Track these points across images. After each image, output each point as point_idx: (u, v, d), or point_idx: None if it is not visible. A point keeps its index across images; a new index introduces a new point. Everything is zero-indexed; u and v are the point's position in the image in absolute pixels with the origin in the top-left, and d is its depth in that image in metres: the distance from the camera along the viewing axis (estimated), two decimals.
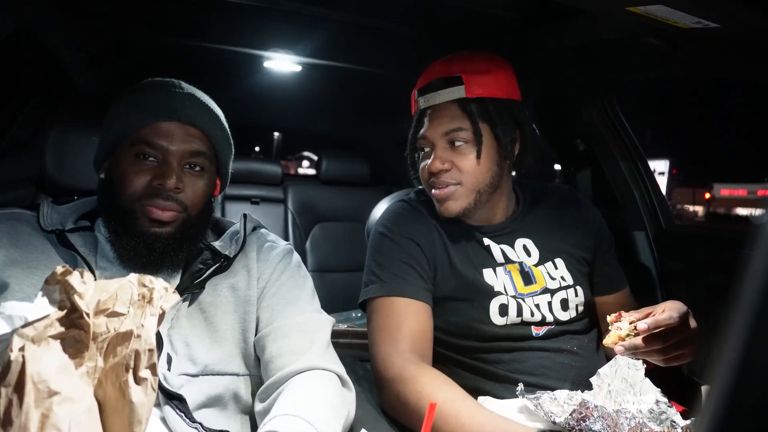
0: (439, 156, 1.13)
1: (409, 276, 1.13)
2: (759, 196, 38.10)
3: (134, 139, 0.93)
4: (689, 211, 37.04)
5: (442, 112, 1.14)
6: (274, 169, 2.91)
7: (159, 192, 0.92)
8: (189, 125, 0.96)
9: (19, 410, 0.51)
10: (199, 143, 0.97)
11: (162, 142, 0.93)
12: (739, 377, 0.25)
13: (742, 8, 0.86)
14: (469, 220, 1.22)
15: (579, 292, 1.19)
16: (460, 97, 1.12)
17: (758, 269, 0.26)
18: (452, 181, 1.14)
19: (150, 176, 0.92)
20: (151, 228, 0.92)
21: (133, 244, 0.92)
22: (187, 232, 0.96)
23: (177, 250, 0.95)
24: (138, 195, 0.92)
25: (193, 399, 0.87)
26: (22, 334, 0.54)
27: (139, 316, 0.61)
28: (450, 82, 1.13)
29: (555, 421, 0.90)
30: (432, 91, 1.15)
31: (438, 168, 1.13)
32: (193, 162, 0.96)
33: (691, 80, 1.42)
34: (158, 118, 0.94)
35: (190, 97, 0.98)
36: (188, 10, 1.58)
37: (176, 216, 0.94)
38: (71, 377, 0.56)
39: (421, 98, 1.17)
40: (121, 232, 0.93)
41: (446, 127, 1.13)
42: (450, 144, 1.14)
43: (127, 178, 0.92)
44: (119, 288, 0.62)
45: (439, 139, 1.14)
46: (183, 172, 0.95)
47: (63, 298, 0.60)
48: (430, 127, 1.15)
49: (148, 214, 0.92)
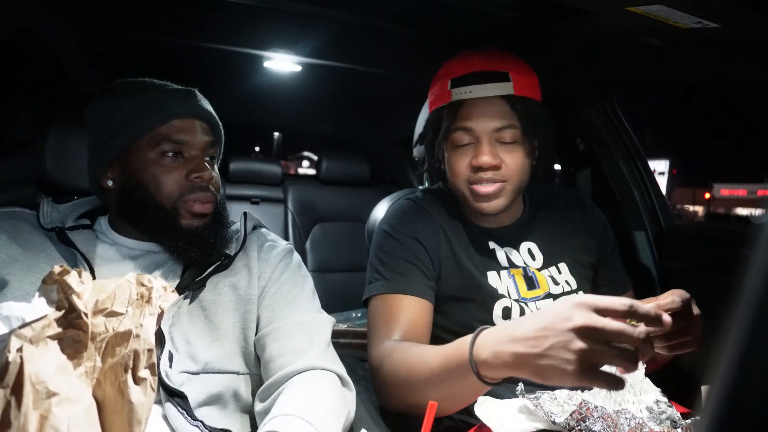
0: (489, 151, 1.09)
1: (412, 274, 1.12)
2: (759, 196, 38.10)
3: (154, 138, 0.95)
4: (689, 211, 37.05)
5: (491, 107, 1.10)
6: (274, 169, 2.91)
7: (197, 186, 0.96)
8: (201, 119, 1.00)
9: (17, 411, 0.51)
10: (211, 135, 1.02)
11: (186, 137, 0.97)
12: (739, 377, 0.25)
13: (742, 8, 0.86)
14: (478, 221, 1.21)
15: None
16: (508, 94, 1.09)
17: (758, 269, 0.26)
18: (499, 178, 1.11)
19: (184, 171, 0.96)
20: (194, 223, 0.97)
21: (183, 242, 0.95)
22: (220, 216, 1.02)
23: (222, 235, 1.00)
24: (178, 192, 0.95)
25: (194, 397, 0.87)
26: (20, 335, 0.54)
27: (137, 316, 0.61)
28: (497, 77, 1.09)
29: (555, 421, 0.90)
30: (475, 83, 1.09)
31: (489, 163, 1.08)
32: (210, 153, 1.02)
33: (691, 80, 1.42)
34: (178, 116, 0.97)
35: (195, 94, 1.02)
36: (188, 10, 1.58)
37: (213, 206, 0.99)
38: (70, 377, 0.56)
39: (460, 89, 1.11)
40: (164, 233, 0.96)
41: (498, 123, 1.09)
42: (497, 141, 1.11)
43: (161, 177, 0.95)
44: (118, 287, 0.62)
45: (488, 133, 1.10)
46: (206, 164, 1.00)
47: (61, 297, 0.59)
48: (476, 119, 1.10)
49: (191, 209, 0.96)
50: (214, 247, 0.98)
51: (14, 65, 1.51)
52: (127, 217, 0.99)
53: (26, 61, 1.54)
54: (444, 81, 1.14)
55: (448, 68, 1.16)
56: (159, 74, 1.05)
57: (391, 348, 1.00)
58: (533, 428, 0.98)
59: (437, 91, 1.17)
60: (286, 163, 16.54)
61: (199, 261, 0.96)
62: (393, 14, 1.48)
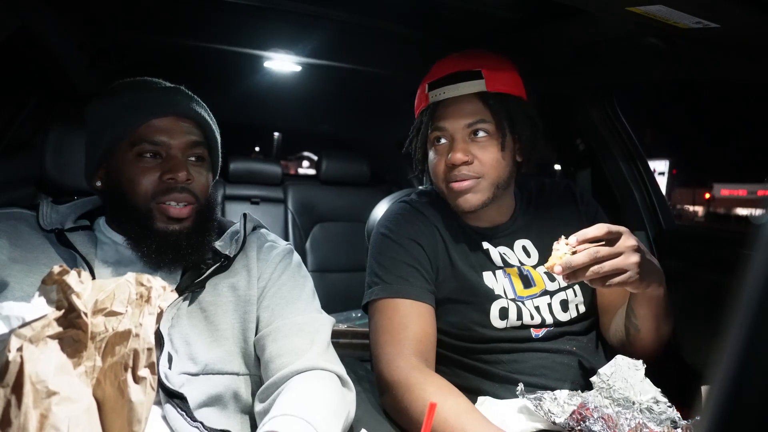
0: (461, 148, 1.11)
1: (412, 277, 1.12)
2: (759, 196, 38.09)
3: (133, 139, 0.94)
4: (689, 211, 37.02)
5: (463, 105, 1.12)
6: (274, 169, 2.92)
7: (172, 187, 0.94)
8: (183, 118, 0.97)
9: (17, 411, 0.51)
10: (196, 134, 0.99)
11: (163, 137, 0.95)
12: (739, 377, 0.25)
13: (742, 8, 0.86)
14: (471, 221, 1.21)
15: (578, 292, 1.19)
16: (480, 91, 1.11)
17: (758, 269, 0.26)
18: (473, 174, 1.12)
19: (159, 172, 0.94)
20: (170, 226, 0.94)
21: (156, 245, 0.93)
22: (203, 222, 0.99)
23: (199, 243, 0.97)
24: (151, 193, 0.93)
25: (194, 398, 0.87)
26: (20, 335, 0.54)
27: (137, 315, 0.61)
28: (469, 75, 1.11)
29: (555, 421, 0.90)
30: (449, 84, 1.12)
31: (461, 160, 1.10)
32: (195, 153, 0.99)
33: (691, 80, 1.42)
34: (155, 115, 0.95)
35: (179, 91, 1.00)
36: (188, 10, 1.58)
37: (191, 210, 0.96)
38: (70, 377, 0.56)
39: (434, 91, 1.14)
40: (140, 236, 0.94)
41: (468, 119, 1.11)
42: (470, 137, 1.12)
43: (136, 179, 0.93)
44: (117, 287, 0.62)
45: (460, 131, 1.12)
46: (188, 164, 0.97)
47: (60, 297, 0.59)
48: (449, 118, 1.12)
49: (165, 212, 0.94)
50: (187, 253, 0.95)
51: (14, 65, 1.51)
52: (114, 219, 0.99)
53: (26, 61, 1.54)
54: (423, 85, 1.18)
55: (429, 73, 1.18)
56: (159, 74, 1.05)
57: (408, 374, 1.01)
58: (533, 428, 0.98)
59: (418, 96, 1.21)
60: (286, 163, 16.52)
61: (170, 265, 0.94)
62: (393, 14, 1.48)
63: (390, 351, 1.06)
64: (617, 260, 0.90)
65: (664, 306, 1.06)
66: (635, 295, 1.04)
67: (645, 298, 1.03)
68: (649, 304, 1.04)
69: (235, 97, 2.44)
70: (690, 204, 38.60)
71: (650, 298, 1.03)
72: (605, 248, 0.90)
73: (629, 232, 0.94)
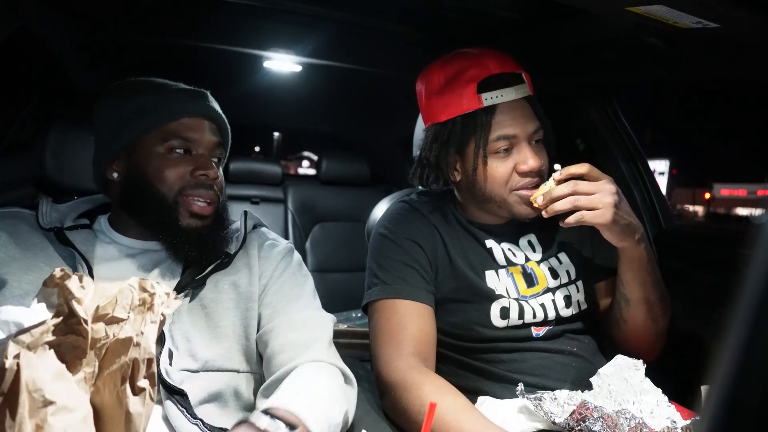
0: (536, 154, 1.10)
1: (411, 278, 1.12)
2: (759, 196, 38.07)
3: (163, 134, 0.96)
4: (689, 211, 37.01)
5: (522, 110, 1.09)
6: (274, 169, 2.92)
7: (202, 183, 0.97)
8: (209, 120, 1.01)
9: (12, 421, 0.49)
10: (218, 136, 1.03)
11: (194, 135, 0.98)
12: (739, 377, 0.25)
13: (742, 8, 0.86)
14: (478, 219, 1.21)
15: (580, 288, 1.19)
16: (529, 95, 1.11)
17: (758, 269, 0.26)
18: (538, 179, 1.11)
19: (189, 168, 0.97)
20: (192, 223, 0.96)
21: (173, 240, 0.95)
22: (221, 220, 1.01)
23: (219, 240, 0.99)
24: (179, 186, 0.96)
25: (194, 395, 0.87)
26: (18, 341, 0.52)
27: (139, 323, 0.60)
28: (516, 78, 1.10)
29: (555, 421, 0.90)
30: (505, 87, 1.08)
31: (538, 166, 1.09)
32: (217, 154, 1.03)
33: (691, 80, 1.42)
34: (188, 114, 0.98)
35: (206, 94, 1.04)
36: (188, 10, 1.58)
37: (212, 210, 0.99)
38: (67, 383, 0.55)
39: (491, 93, 1.07)
40: (160, 229, 0.96)
41: (534, 125, 1.10)
42: (533, 142, 1.12)
43: (165, 171, 0.95)
44: (119, 292, 0.61)
45: (527, 137, 1.10)
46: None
47: (61, 302, 0.58)
48: (515, 124, 1.08)
49: (189, 207, 0.96)
50: (212, 247, 0.98)
51: (14, 65, 1.51)
52: (129, 211, 0.99)
53: (26, 61, 1.54)
54: (465, 85, 1.09)
55: (460, 70, 1.10)
56: (159, 74, 1.05)
57: (406, 375, 1.01)
58: (533, 428, 0.98)
59: (457, 96, 1.09)
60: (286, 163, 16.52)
61: (196, 260, 0.96)
62: (393, 14, 1.48)
63: (389, 352, 1.06)
64: (594, 197, 1.00)
65: (650, 273, 1.09)
66: (620, 259, 1.09)
67: (627, 257, 1.07)
68: (632, 266, 1.08)
69: (235, 97, 2.44)
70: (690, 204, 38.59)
71: (632, 259, 1.07)
72: (585, 183, 1.00)
73: (611, 179, 1.03)
